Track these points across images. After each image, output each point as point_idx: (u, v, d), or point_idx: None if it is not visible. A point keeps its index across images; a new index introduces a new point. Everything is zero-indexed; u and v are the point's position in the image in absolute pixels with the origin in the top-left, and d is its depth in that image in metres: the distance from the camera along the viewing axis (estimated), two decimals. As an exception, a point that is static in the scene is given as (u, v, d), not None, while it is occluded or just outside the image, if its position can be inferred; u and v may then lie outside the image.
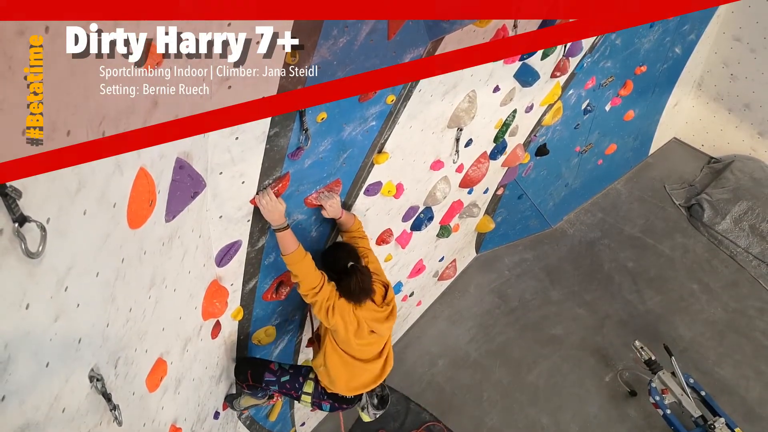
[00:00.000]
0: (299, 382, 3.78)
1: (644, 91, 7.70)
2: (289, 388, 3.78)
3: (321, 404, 3.79)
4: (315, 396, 3.76)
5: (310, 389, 3.76)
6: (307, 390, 3.76)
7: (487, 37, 3.68)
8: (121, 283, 1.87)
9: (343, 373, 3.63)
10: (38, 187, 1.24)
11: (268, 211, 3.01)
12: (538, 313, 7.26)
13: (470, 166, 5.16)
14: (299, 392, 3.77)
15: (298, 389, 3.77)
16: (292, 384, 3.78)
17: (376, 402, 3.88)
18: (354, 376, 3.67)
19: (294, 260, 3.22)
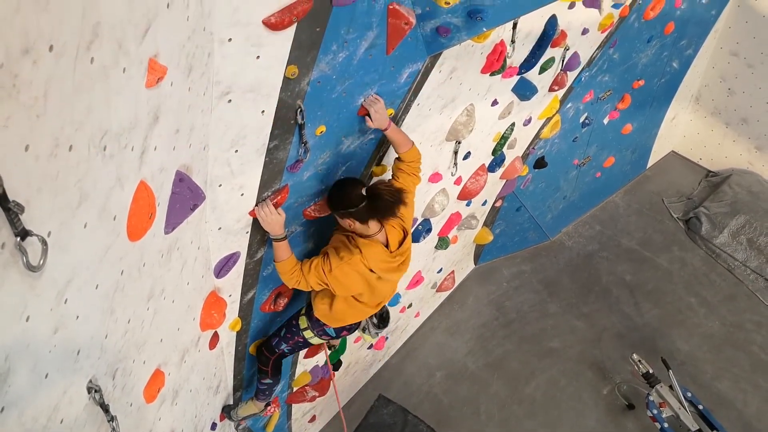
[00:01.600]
0: (295, 325, 3.75)
1: (642, 104, 7.74)
2: (290, 335, 3.75)
3: (324, 330, 3.72)
4: (313, 327, 3.71)
5: (305, 323, 3.72)
6: (303, 326, 3.73)
7: (485, 53, 3.72)
8: (120, 295, 1.89)
9: (347, 315, 3.61)
10: (41, 202, 1.26)
11: (268, 222, 3.03)
12: (536, 325, 7.26)
13: (468, 178, 5.19)
14: (300, 333, 3.74)
15: (297, 331, 3.74)
16: (290, 330, 3.76)
17: (377, 321, 3.86)
18: (357, 313, 3.64)
19: (285, 269, 3.25)
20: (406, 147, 3.42)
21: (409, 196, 3.48)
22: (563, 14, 4.24)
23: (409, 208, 3.50)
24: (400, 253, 3.42)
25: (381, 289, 3.51)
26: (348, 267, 3.24)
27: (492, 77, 4.12)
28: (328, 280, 3.25)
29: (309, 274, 3.24)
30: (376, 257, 3.30)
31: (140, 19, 1.50)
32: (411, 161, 3.46)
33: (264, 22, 2.26)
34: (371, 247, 3.29)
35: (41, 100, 1.16)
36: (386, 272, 3.40)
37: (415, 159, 3.47)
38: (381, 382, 6.53)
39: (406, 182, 3.47)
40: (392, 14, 2.83)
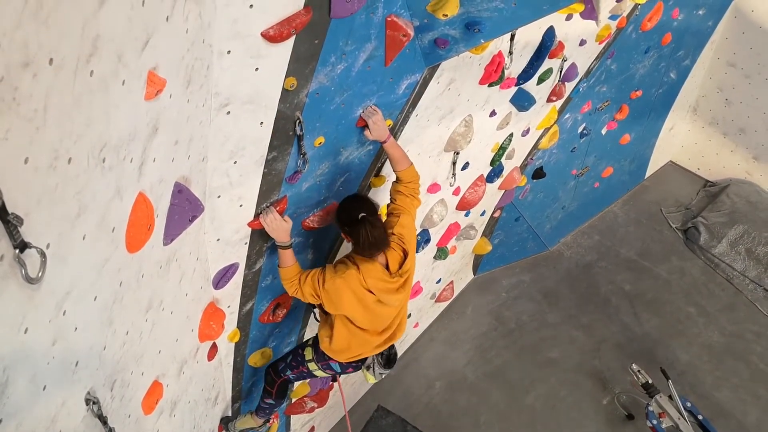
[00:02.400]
0: (300, 355, 3.72)
1: (640, 115, 7.77)
2: (296, 364, 3.73)
3: (329, 364, 3.66)
4: (318, 360, 3.65)
5: (310, 355, 3.67)
6: (308, 357, 3.68)
7: (483, 64, 3.73)
8: (119, 307, 1.89)
9: (348, 344, 3.50)
10: (40, 214, 1.26)
11: (274, 229, 3.03)
12: (535, 335, 7.25)
13: (467, 188, 5.20)
14: (305, 363, 3.70)
15: (302, 362, 3.71)
16: (295, 359, 3.73)
17: (383, 361, 3.74)
18: (359, 346, 3.52)
19: (287, 275, 3.24)
20: (404, 165, 3.35)
21: (408, 218, 3.41)
22: (561, 25, 4.26)
23: (410, 229, 3.42)
24: (399, 275, 3.31)
25: (381, 313, 3.39)
26: (341, 281, 3.17)
27: (490, 88, 4.14)
28: (321, 294, 3.21)
29: (304, 285, 3.21)
30: (373, 276, 3.22)
31: (139, 32, 1.52)
32: (409, 182, 3.39)
33: (263, 34, 2.28)
34: (369, 264, 3.22)
35: (41, 113, 1.17)
36: (385, 293, 3.27)
37: (413, 179, 3.40)
38: (380, 393, 6.51)
39: (405, 204, 3.41)
40: (390, 26, 2.84)
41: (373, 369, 3.74)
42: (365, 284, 3.20)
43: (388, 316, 3.47)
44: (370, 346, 3.56)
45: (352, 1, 2.53)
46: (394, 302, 3.37)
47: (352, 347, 3.52)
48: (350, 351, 3.54)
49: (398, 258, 3.33)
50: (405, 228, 3.37)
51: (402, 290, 3.36)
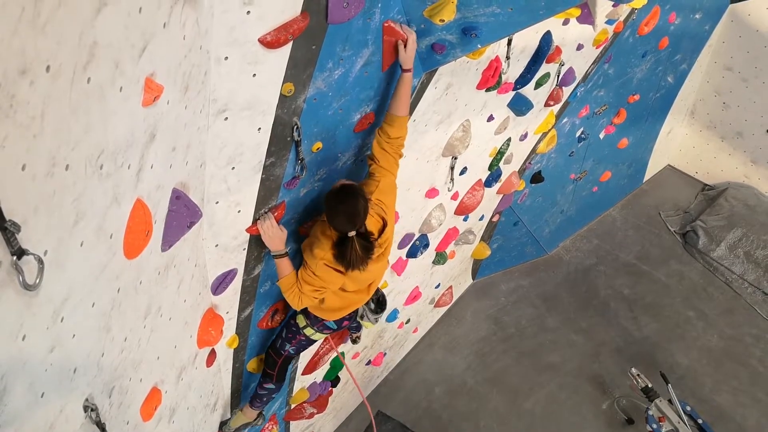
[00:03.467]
0: (294, 324, 3.69)
1: (638, 119, 7.78)
2: (291, 335, 3.70)
3: (324, 324, 3.65)
4: (313, 324, 3.63)
5: (303, 322, 3.65)
6: (301, 324, 3.66)
7: (480, 69, 3.74)
8: (117, 313, 1.89)
9: (340, 306, 3.53)
10: (38, 221, 1.27)
11: (269, 237, 3.02)
12: (535, 340, 7.25)
13: (465, 193, 5.21)
14: (301, 331, 3.68)
15: (297, 330, 3.68)
16: (290, 329, 3.71)
17: (374, 306, 3.78)
18: (350, 304, 3.57)
19: (285, 286, 3.23)
20: (404, 110, 3.14)
21: (389, 179, 3.30)
22: (558, 30, 4.28)
23: (390, 193, 3.34)
24: (378, 244, 3.24)
25: (364, 278, 3.38)
26: (323, 263, 3.13)
27: (488, 93, 4.15)
28: (320, 283, 3.19)
29: (303, 287, 3.21)
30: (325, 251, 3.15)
31: (137, 39, 1.52)
32: (397, 137, 3.20)
33: (260, 40, 2.28)
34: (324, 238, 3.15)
35: (38, 120, 1.18)
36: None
37: (402, 133, 3.22)
38: (379, 399, 6.50)
39: (388, 164, 3.27)
40: (387, 32, 2.85)
41: (367, 315, 3.79)
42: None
43: (371, 275, 3.47)
44: (361, 301, 3.64)
45: (349, 7, 2.54)
46: (373, 271, 3.36)
47: (344, 306, 3.57)
48: (342, 311, 3.58)
49: (377, 225, 3.26)
50: (385, 193, 3.28)
51: (382, 257, 3.36)
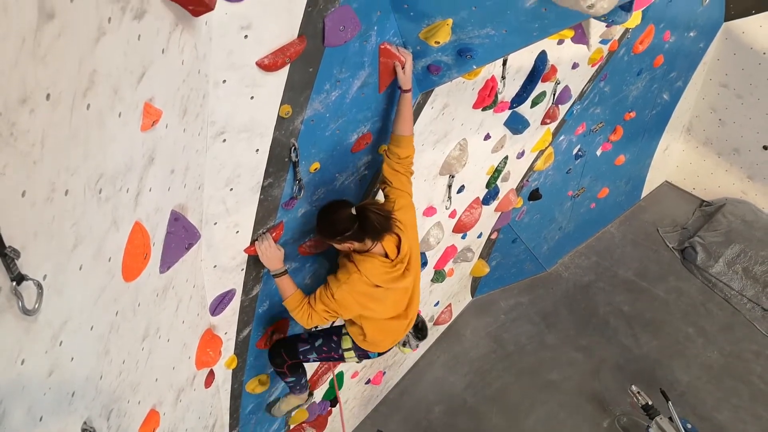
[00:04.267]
0: (335, 341, 3.62)
1: (634, 136, 7.82)
2: (327, 350, 3.63)
3: (367, 354, 3.64)
4: (357, 349, 3.60)
5: (349, 344, 3.60)
6: (346, 346, 3.61)
7: (476, 88, 3.77)
8: (115, 336, 1.90)
9: (382, 337, 3.53)
10: (37, 246, 1.28)
11: (267, 257, 3.03)
12: (534, 357, 7.23)
13: (463, 211, 5.22)
14: (340, 351, 3.63)
15: (336, 348, 3.62)
16: (328, 345, 3.63)
17: (414, 332, 3.78)
18: (392, 333, 3.55)
19: (292, 305, 3.21)
20: (409, 130, 3.20)
21: (405, 198, 3.34)
22: (553, 50, 4.32)
23: (408, 210, 3.35)
24: (400, 260, 3.25)
25: (396, 299, 3.37)
26: (347, 287, 3.13)
27: (484, 112, 4.18)
28: (335, 307, 3.17)
29: (316, 305, 3.17)
30: (375, 271, 3.16)
31: (136, 65, 1.54)
32: (406, 156, 3.25)
33: (258, 63, 2.31)
34: (368, 263, 3.16)
35: (38, 147, 1.19)
36: (392, 283, 3.23)
37: (410, 152, 3.27)
38: (379, 418, 6.47)
39: (402, 185, 3.31)
40: (384, 54, 2.88)
41: (409, 343, 3.80)
42: (371, 282, 3.17)
43: (406, 298, 3.45)
44: (402, 328, 3.58)
45: (345, 30, 2.57)
46: (403, 286, 3.32)
47: (387, 337, 3.55)
48: (386, 340, 3.58)
49: (394, 242, 3.27)
50: (402, 210, 3.29)
51: (408, 273, 3.29)
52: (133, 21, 1.47)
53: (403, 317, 3.53)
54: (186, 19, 1.79)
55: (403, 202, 3.33)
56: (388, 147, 3.25)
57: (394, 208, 3.26)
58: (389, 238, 3.23)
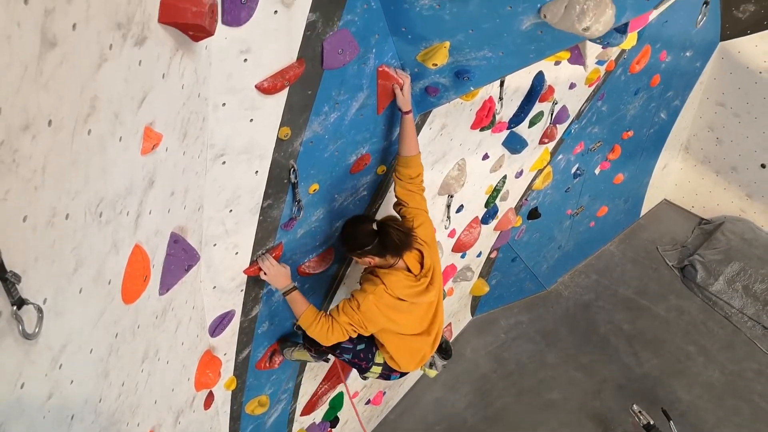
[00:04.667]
0: (372, 352, 3.57)
1: (632, 154, 7.85)
2: (362, 357, 3.56)
3: (390, 375, 3.65)
4: (385, 368, 3.60)
5: (382, 360, 3.58)
6: (378, 361, 3.58)
7: (474, 109, 3.80)
8: (115, 358, 1.90)
9: (408, 356, 3.51)
10: (37, 270, 1.29)
11: (273, 276, 3.03)
12: (535, 376, 7.20)
13: (462, 231, 5.24)
14: (370, 363, 3.58)
15: (370, 359, 3.57)
16: (366, 354, 3.56)
17: (439, 353, 3.76)
18: (418, 351, 3.53)
19: (307, 321, 3.13)
20: (415, 149, 3.24)
21: (423, 216, 3.37)
22: (550, 70, 4.36)
23: (426, 227, 3.37)
24: (424, 275, 3.28)
25: (421, 314, 3.39)
26: (373, 298, 3.11)
27: (482, 132, 4.21)
28: (360, 318, 3.12)
29: (339, 317, 3.12)
30: (399, 284, 3.17)
31: (136, 90, 1.56)
32: (417, 175, 3.30)
33: (257, 86, 2.34)
34: (393, 276, 3.18)
35: (39, 173, 1.21)
36: (415, 297, 3.24)
37: (420, 170, 3.31)
38: (379, 439, 6.44)
39: (417, 203, 3.36)
40: (382, 76, 2.91)
41: (435, 365, 3.78)
42: (395, 295, 3.17)
43: (427, 310, 3.44)
44: (428, 346, 3.56)
45: (344, 53, 2.60)
46: (428, 300, 3.34)
47: (414, 355, 3.54)
48: (414, 359, 3.56)
49: (416, 258, 3.31)
50: (421, 227, 3.32)
51: (432, 287, 3.31)
52: (134, 47, 1.49)
53: (427, 333, 3.51)
54: (186, 45, 1.82)
55: (422, 219, 3.36)
56: (397, 169, 3.29)
57: (413, 225, 3.28)
58: (411, 254, 3.27)
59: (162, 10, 1.61)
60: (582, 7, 2.34)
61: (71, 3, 1.18)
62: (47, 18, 1.12)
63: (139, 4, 1.47)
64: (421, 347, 3.55)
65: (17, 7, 1.04)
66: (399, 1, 2.64)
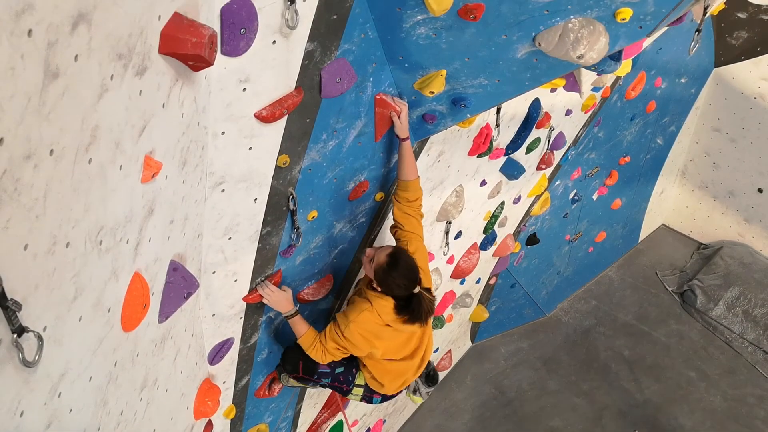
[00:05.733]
0: (352, 374, 3.55)
1: (630, 180, 7.89)
2: (342, 380, 3.54)
3: (372, 398, 3.59)
4: (366, 390, 3.55)
5: (362, 381, 3.54)
6: (359, 382, 3.55)
7: (471, 136, 3.83)
8: (114, 387, 1.90)
9: (390, 378, 3.46)
10: (38, 298, 1.30)
11: (275, 302, 3.05)
12: (536, 404, 7.14)
13: (461, 257, 5.24)
14: (351, 385, 3.55)
15: (350, 382, 3.55)
16: (345, 376, 3.54)
17: (424, 380, 3.70)
18: (400, 375, 3.49)
19: (307, 344, 3.19)
20: (414, 174, 3.25)
21: (418, 241, 3.36)
22: (546, 97, 4.40)
23: (422, 252, 3.38)
24: None
25: (403, 340, 3.34)
26: (355, 326, 3.11)
27: (479, 159, 4.23)
28: (345, 344, 3.15)
29: (327, 343, 3.17)
30: (386, 310, 3.15)
31: (137, 119, 1.59)
32: (415, 198, 3.30)
33: (256, 115, 2.37)
34: (383, 300, 3.15)
35: (41, 201, 1.22)
36: (401, 324, 3.20)
37: (419, 194, 3.31)
38: (379, 468, 6.37)
39: (414, 227, 3.35)
40: (379, 104, 2.95)
41: (419, 390, 3.73)
42: (381, 321, 3.15)
43: (411, 337, 3.39)
44: (411, 371, 3.53)
45: (342, 82, 2.64)
46: (412, 330, 3.31)
47: (397, 377, 3.50)
48: (395, 382, 3.52)
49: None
50: (416, 254, 3.28)
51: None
52: (135, 77, 1.52)
53: (410, 358, 3.46)
54: (186, 74, 1.84)
55: (417, 244, 3.36)
56: (396, 192, 3.31)
57: (409, 251, 3.25)
58: None
59: (162, 41, 1.64)
60: (576, 36, 2.38)
61: (74, 35, 1.20)
62: (50, 50, 1.14)
63: (140, 36, 1.50)
64: (404, 371, 3.50)
65: (21, 40, 1.06)
66: (396, 31, 2.68)
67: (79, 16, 1.21)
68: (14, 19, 1.03)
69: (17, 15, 1.04)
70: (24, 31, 1.06)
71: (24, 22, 1.06)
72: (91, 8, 1.24)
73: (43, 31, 1.11)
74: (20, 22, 1.05)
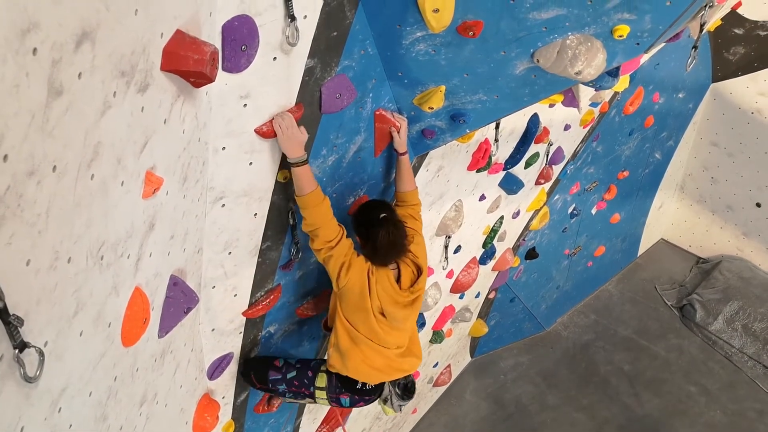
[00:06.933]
0: (308, 377, 3.27)
1: (628, 194, 7.92)
2: (299, 385, 3.27)
3: (339, 398, 3.27)
4: (330, 390, 3.24)
5: (323, 383, 3.24)
6: (319, 384, 3.25)
7: (470, 151, 3.85)
8: (113, 401, 1.90)
9: (354, 353, 3.11)
10: (39, 313, 1.30)
11: (287, 138, 2.48)
12: (536, 419, 7.12)
13: (460, 271, 5.24)
14: (311, 388, 3.27)
15: (309, 385, 3.27)
16: (300, 380, 3.27)
17: (400, 391, 3.38)
18: (366, 357, 3.12)
19: (310, 202, 2.70)
20: (412, 185, 3.22)
21: (421, 238, 3.26)
22: (544, 112, 4.42)
23: (424, 249, 3.27)
24: (411, 292, 3.09)
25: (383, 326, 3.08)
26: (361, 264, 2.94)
27: (478, 173, 4.25)
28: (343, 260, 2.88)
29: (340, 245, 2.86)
30: (382, 281, 2.98)
31: (138, 136, 1.60)
32: (416, 203, 3.28)
33: (256, 131, 2.38)
34: (381, 271, 3.00)
35: (43, 217, 1.23)
36: (391, 305, 3.02)
37: (417, 203, 3.28)
38: (379, 484, 6.33)
39: (416, 226, 3.27)
40: (379, 119, 2.96)
41: (391, 401, 3.41)
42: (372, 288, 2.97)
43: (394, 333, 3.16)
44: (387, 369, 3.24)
45: (341, 98, 2.66)
46: (398, 317, 3.09)
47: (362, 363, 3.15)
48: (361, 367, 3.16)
49: (411, 275, 3.13)
50: (419, 247, 3.20)
51: (410, 307, 3.11)
52: (137, 94, 1.53)
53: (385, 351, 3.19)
54: (187, 91, 1.86)
55: (419, 241, 3.24)
56: (395, 201, 3.31)
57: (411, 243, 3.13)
58: (408, 268, 3.12)
59: (164, 58, 1.65)
60: (574, 52, 2.41)
61: (78, 53, 1.22)
62: (54, 68, 1.16)
63: (143, 53, 1.51)
64: (374, 359, 3.16)
65: (26, 58, 1.08)
66: (395, 47, 2.71)
67: (83, 35, 1.22)
68: (20, 38, 1.05)
69: (23, 33, 1.05)
70: (29, 49, 1.08)
71: (29, 41, 1.07)
72: (94, 26, 1.25)
73: (48, 49, 1.12)
74: (25, 41, 1.06)
